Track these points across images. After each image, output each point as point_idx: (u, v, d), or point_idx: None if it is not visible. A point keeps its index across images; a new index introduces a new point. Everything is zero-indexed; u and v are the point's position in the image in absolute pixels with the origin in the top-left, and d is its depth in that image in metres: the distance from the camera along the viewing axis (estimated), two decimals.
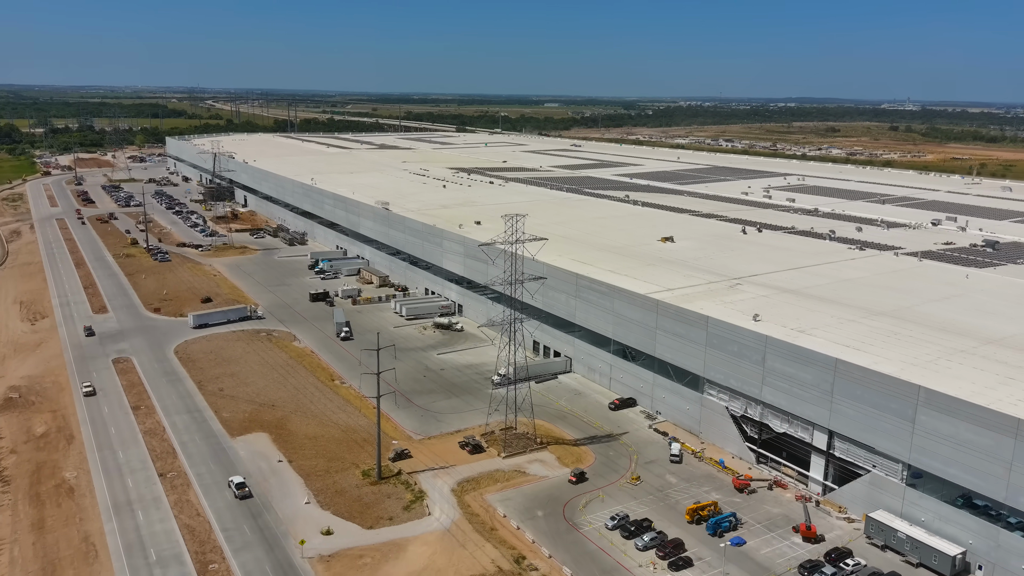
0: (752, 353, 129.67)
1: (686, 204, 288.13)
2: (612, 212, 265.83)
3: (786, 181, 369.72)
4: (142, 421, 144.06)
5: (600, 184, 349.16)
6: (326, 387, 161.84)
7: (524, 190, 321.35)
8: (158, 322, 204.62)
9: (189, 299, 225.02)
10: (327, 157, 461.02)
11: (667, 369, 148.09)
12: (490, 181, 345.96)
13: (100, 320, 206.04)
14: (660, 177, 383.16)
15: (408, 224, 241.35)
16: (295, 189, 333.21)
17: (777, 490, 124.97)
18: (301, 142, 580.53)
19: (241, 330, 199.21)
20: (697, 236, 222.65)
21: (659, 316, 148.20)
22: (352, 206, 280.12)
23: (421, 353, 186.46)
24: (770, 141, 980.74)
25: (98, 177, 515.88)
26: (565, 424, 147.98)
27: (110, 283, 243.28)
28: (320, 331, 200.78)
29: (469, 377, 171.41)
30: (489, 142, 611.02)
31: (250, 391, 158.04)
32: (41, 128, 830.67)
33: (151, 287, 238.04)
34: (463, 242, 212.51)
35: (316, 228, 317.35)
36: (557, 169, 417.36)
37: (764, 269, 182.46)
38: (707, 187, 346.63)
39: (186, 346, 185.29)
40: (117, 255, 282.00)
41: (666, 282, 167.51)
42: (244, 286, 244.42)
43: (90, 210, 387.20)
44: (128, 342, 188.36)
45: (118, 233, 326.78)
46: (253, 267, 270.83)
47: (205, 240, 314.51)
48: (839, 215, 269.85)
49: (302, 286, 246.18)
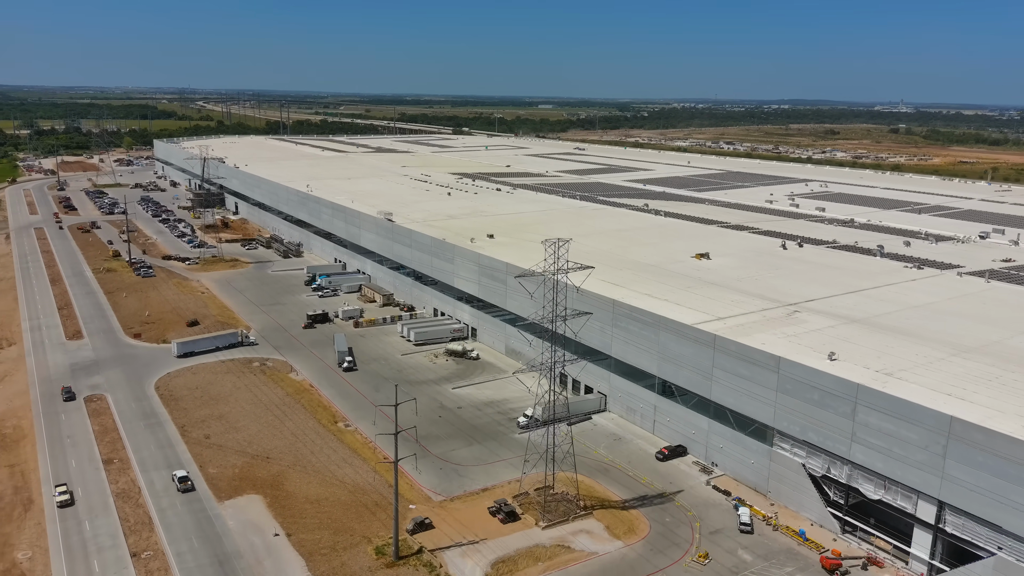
0: (839, 403, 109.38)
1: (710, 214, 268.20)
2: (634, 223, 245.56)
3: (808, 188, 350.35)
4: (115, 479, 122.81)
5: (613, 191, 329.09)
6: (329, 432, 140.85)
7: (535, 198, 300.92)
8: (138, 350, 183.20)
9: (174, 322, 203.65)
10: (323, 161, 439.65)
11: (726, 415, 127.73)
12: (497, 188, 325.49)
13: (74, 348, 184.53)
14: (674, 183, 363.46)
15: (415, 238, 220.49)
16: (290, 197, 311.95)
17: (872, 569, 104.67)
18: (295, 145, 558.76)
19: (231, 359, 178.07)
20: (734, 252, 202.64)
21: (716, 353, 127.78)
22: (352, 216, 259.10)
23: (434, 387, 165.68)
24: (771, 144, 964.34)
25: (82, 182, 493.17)
26: (608, 479, 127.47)
27: (88, 302, 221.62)
28: (320, 360, 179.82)
29: (491, 418, 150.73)
30: (489, 145, 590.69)
31: (241, 438, 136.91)
32: (26, 130, 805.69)
33: (132, 307, 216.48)
34: (477, 259, 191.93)
35: (312, 239, 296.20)
36: (564, 174, 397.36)
37: (819, 292, 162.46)
38: (726, 194, 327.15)
39: (169, 380, 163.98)
40: (97, 269, 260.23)
41: (713, 308, 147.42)
42: (235, 305, 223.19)
43: (72, 218, 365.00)
44: (104, 375, 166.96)
45: (100, 244, 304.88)
46: (245, 283, 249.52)
47: (193, 252, 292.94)
48: (877, 226, 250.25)
49: (299, 305, 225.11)
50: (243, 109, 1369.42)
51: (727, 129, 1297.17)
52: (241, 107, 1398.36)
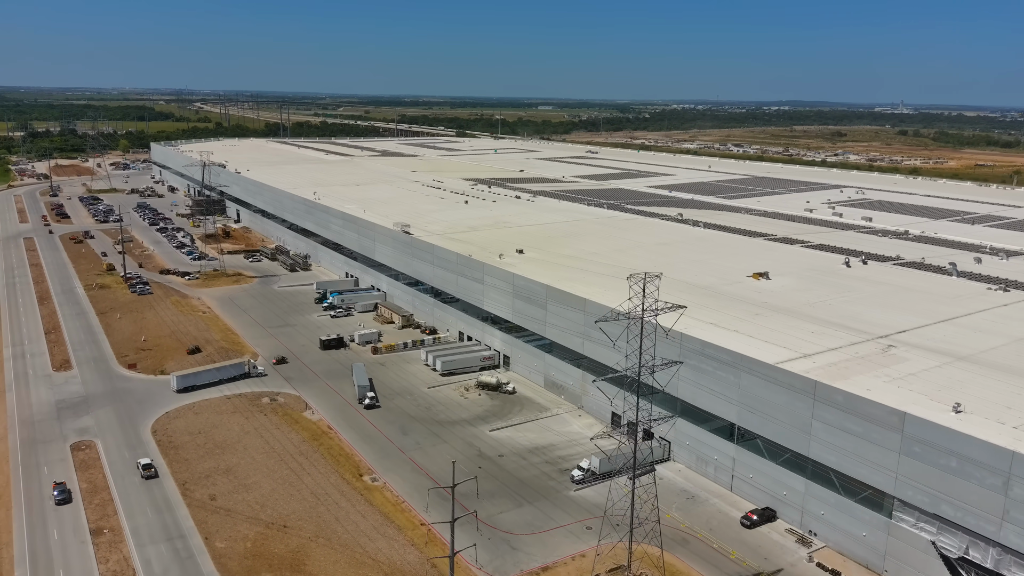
0: (986, 474, 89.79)
1: (751, 224, 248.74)
2: (673, 236, 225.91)
3: (844, 195, 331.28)
4: (104, 557, 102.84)
5: (638, 198, 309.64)
6: (354, 490, 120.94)
7: (558, 207, 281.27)
8: (133, 384, 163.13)
9: (172, 348, 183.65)
10: (327, 166, 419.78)
11: (828, 475, 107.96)
12: (516, 195, 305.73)
13: (61, 380, 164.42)
14: (700, 189, 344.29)
15: (438, 254, 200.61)
16: (296, 205, 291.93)
17: None
18: (297, 148, 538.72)
19: (238, 394, 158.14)
20: (793, 270, 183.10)
21: (818, 404, 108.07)
22: (366, 228, 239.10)
23: (468, 428, 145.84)
24: (780, 146, 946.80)
25: (76, 187, 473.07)
26: (689, 553, 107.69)
27: (78, 325, 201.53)
28: (337, 394, 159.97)
29: (538, 468, 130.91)
30: (498, 149, 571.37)
31: (253, 499, 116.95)
32: (20, 132, 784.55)
33: (127, 331, 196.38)
34: (512, 280, 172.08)
35: (320, 250, 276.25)
36: (582, 180, 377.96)
37: (906, 321, 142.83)
38: (759, 202, 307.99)
39: (167, 422, 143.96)
40: (89, 286, 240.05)
41: (793, 342, 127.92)
42: (239, 327, 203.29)
43: (64, 226, 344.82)
44: (94, 415, 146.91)
45: (93, 256, 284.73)
46: (249, 301, 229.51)
47: (193, 265, 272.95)
48: (934, 239, 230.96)
49: (310, 327, 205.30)
50: (241, 110, 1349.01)
51: (731, 131, 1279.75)
52: (239, 108, 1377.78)
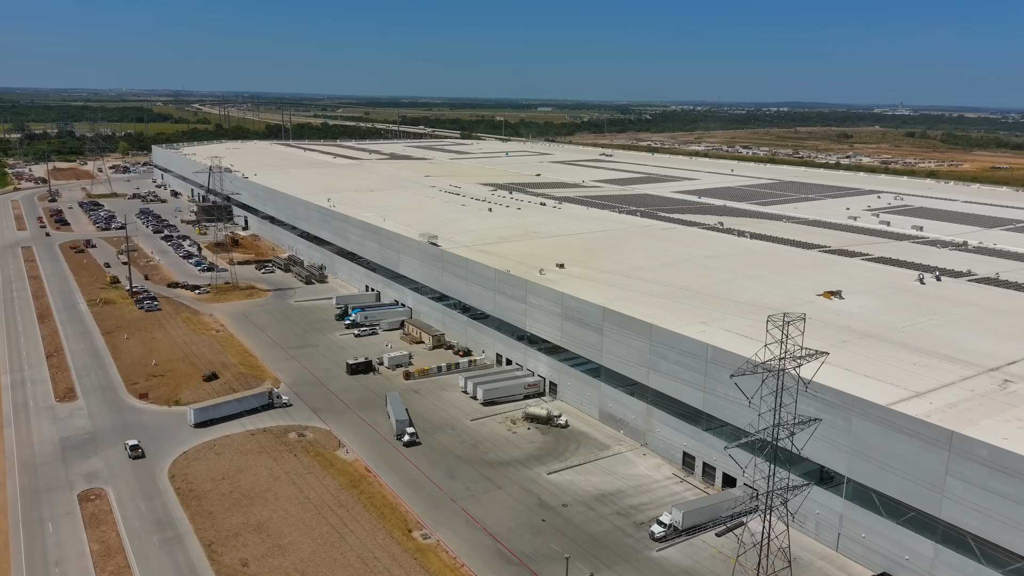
0: None
1: (798, 234, 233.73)
2: (720, 247, 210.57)
3: (883, 201, 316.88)
4: None
5: (669, 205, 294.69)
6: (405, 552, 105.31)
7: (587, 214, 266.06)
8: (145, 416, 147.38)
9: (186, 374, 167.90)
10: (337, 170, 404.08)
11: (966, 541, 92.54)
12: (541, 202, 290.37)
13: (65, 413, 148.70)
14: (729, 195, 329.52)
15: (473, 269, 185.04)
16: (311, 213, 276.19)
17: None
18: (303, 151, 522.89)
19: (262, 428, 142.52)
20: (864, 287, 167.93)
21: (954, 458, 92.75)
22: (389, 239, 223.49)
23: (522, 471, 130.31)
24: (788, 148, 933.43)
25: (75, 191, 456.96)
26: None
27: (82, 347, 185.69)
28: (371, 428, 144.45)
29: (609, 522, 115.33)
30: (510, 152, 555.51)
31: (291, 565, 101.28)
32: (17, 134, 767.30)
33: (136, 353, 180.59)
34: (560, 300, 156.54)
35: (337, 261, 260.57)
36: (604, 185, 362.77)
37: (1012, 350, 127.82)
38: (796, 208, 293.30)
39: (187, 464, 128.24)
40: (93, 301, 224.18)
41: (899, 377, 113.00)
42: (257, 348, 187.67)
43: (64, 234, 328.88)
44: (103, 457, 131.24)
45: (95, 267, 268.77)
46: (265, 317, 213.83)
47: (202, 277, 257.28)
48: (997, 251, 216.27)
49: (332, 347, 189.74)
50: (241, 112, 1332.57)
51: (736, 132, 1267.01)
52: (238, 109, 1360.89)
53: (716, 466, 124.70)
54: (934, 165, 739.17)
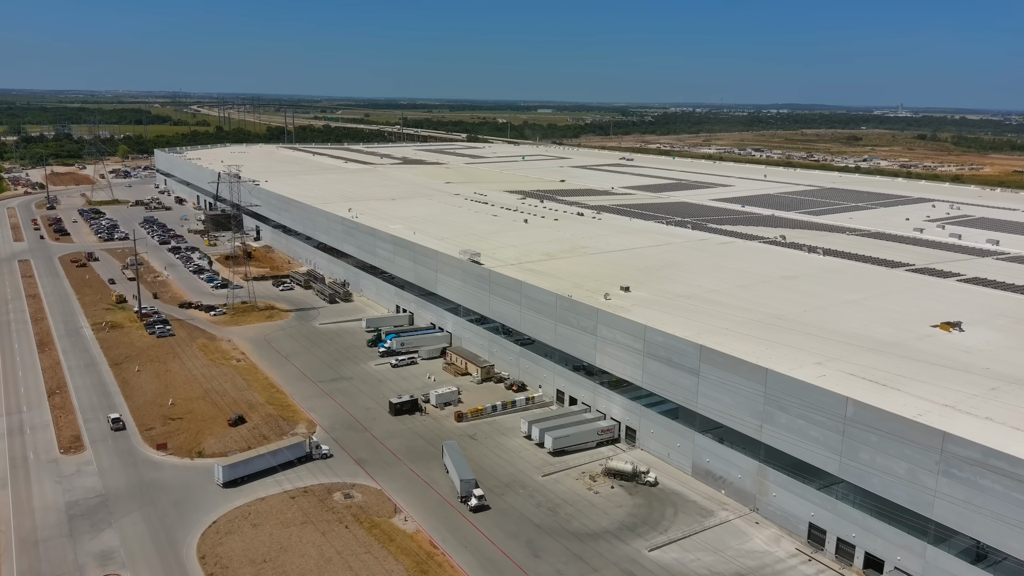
0: None
1: (870, 249, 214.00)
2: (795, 266, 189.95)
3: (939, 211, 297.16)
4: None
5: (715, 215, 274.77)
6: None
7: (632, 226, 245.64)
8: (165, 473, 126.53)
9: (209, 416, 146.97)
10: (350, 175, 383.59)
11: None
12: (578, 212, 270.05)
13: (72, 468, 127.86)
14: (772, 203, 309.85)
15: (528, 293, 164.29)
16: (333, 225, 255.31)
17: None
18: (312, 155, 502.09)
19: (302, 489, 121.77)
20: (979, 315, 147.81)
21: None
22: (425, 256, 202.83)
23: (617, 545, 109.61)
24: (801, 151, 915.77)
25: (75, 197, 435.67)
26: None
27: (88, 382, 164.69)
28: (429, 488, 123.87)
29: None
30: (526, 156, 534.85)
31: None
32: (13, 136, 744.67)
33: (149, 390, 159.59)
34: (644, 334, 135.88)
35: (362, 277, 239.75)
36: (636, 192, 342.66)
37: None
38: (852, 219, 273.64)
39: (218, 540, 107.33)
40: (98, 325, 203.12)
41: None
42: (284, 382, 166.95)
43: (63, 245, 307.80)
44: (118, 528, 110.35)
45: (99, 284, 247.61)
46: (289, 343, 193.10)
47: (217, 294, 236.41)
48: None
49: (369, 380, 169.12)
50: (240, 113, 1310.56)
51: (742, 135, 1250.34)
52: (237, 111, 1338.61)
53: (855, 544, 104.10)
54: (955, 169, 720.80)
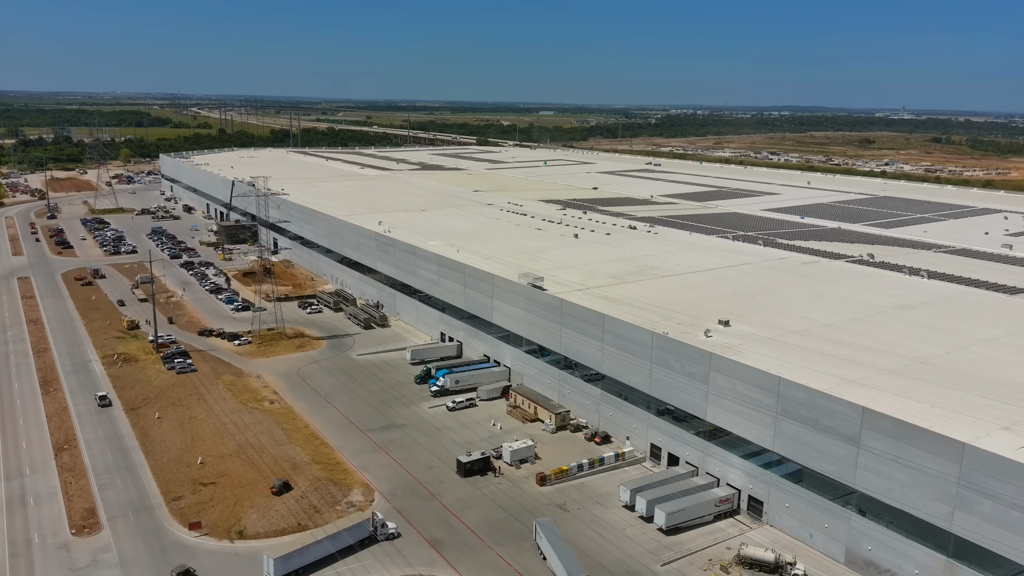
0: None
1: (970, 270, 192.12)
2: (905, 292, 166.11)
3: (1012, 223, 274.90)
4: None
5: (776, 227, 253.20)
6: None
7: (694, 242, 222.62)
8: (201, 562, 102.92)
9: (247, 480, 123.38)
10: (369, 183, 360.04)
11: None
12: (630, 225, 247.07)
13: (86, 557, 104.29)
14: (831, 214, 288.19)
15: (612, 328, 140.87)
16: (364, 241, 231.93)
17: None
18: (324, 160, 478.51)
19: None
20: None
21: None
22: (477, 280, 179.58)
23: None
24: (821, 155, 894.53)
25: (76, 205, 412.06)
26: None
27: (101, 433, 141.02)
28: None
29: None
30: (548, 160, 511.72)
31: None
32: (11, 139, 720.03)
33: (174, 444, 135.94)
34: (776, 387, 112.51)
35: (399, 298, 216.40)
36: (680, 201, 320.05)
37: None
38: (926, 232, 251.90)
39: None
40: (109, 357, 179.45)
41: None
42: (328, 431, 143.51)
43: (66, 260, 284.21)
44: None
45: (107, 306, 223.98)
46: (327, 379, 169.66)
47: (238, 318, 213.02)
48: None
49: (425, 428, 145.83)
50: (241, 115, 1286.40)
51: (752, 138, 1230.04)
52: (239, 113, 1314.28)
53: None
54: (981, 174, 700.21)
